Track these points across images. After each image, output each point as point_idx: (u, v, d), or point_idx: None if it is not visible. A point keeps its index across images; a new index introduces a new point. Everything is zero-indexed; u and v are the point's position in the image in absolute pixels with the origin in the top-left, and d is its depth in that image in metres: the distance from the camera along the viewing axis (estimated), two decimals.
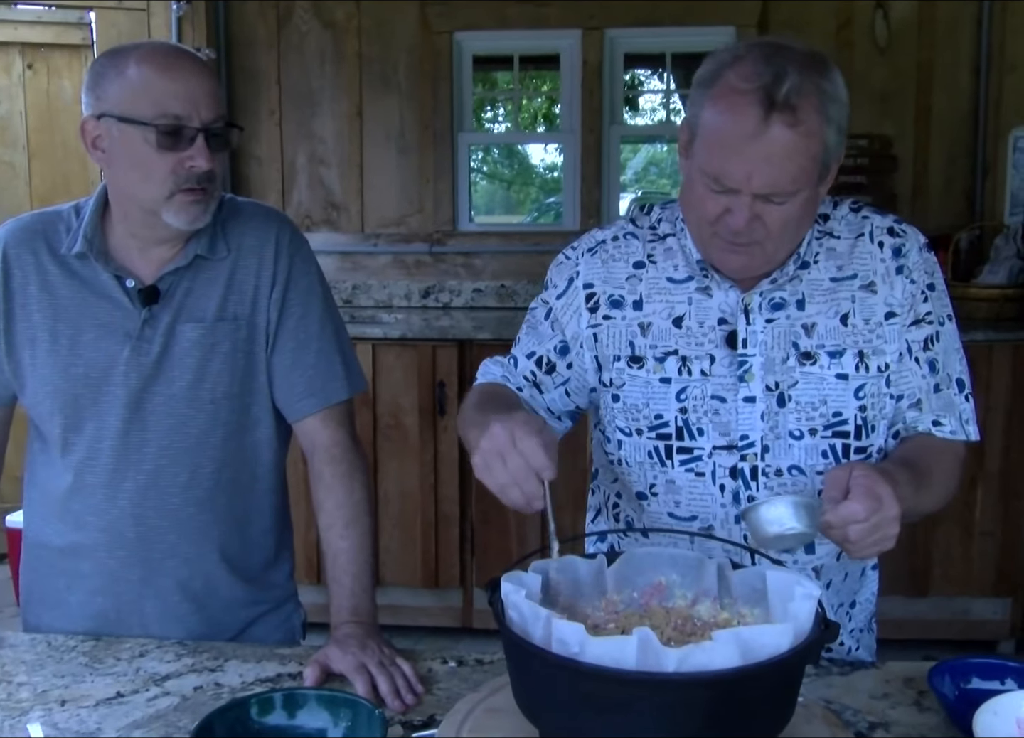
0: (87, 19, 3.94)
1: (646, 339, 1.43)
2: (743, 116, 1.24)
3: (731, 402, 1.40)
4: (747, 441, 1.40)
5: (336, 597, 1.47)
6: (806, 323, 1.40)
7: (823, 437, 1.40)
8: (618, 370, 1.44)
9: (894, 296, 1.41)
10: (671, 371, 1.42)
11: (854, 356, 1.40)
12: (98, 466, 1.49)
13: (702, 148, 1.29)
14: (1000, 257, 3.71)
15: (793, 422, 1.40)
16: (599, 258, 1.47)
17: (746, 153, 1.24)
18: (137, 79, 1.38)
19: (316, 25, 4.13)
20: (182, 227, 1.44)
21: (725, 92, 1.26)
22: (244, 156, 4.20)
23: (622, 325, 1.44)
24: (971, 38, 3.91)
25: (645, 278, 1.45)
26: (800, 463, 1.40)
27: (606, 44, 4.07)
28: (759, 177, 1.25)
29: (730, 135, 1.25)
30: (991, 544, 3.39)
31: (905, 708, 1.22)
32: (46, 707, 1.24)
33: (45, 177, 4.18)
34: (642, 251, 1.47)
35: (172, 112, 1.38)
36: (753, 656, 0.93)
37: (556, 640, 0.96)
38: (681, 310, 1.43)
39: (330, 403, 1.54)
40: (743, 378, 1.40)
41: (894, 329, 1.41)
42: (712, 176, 1.28)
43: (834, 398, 1.40)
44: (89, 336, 1.47)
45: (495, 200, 8.81)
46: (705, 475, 1.42)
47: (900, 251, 1.43)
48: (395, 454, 3.55)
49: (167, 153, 1.39)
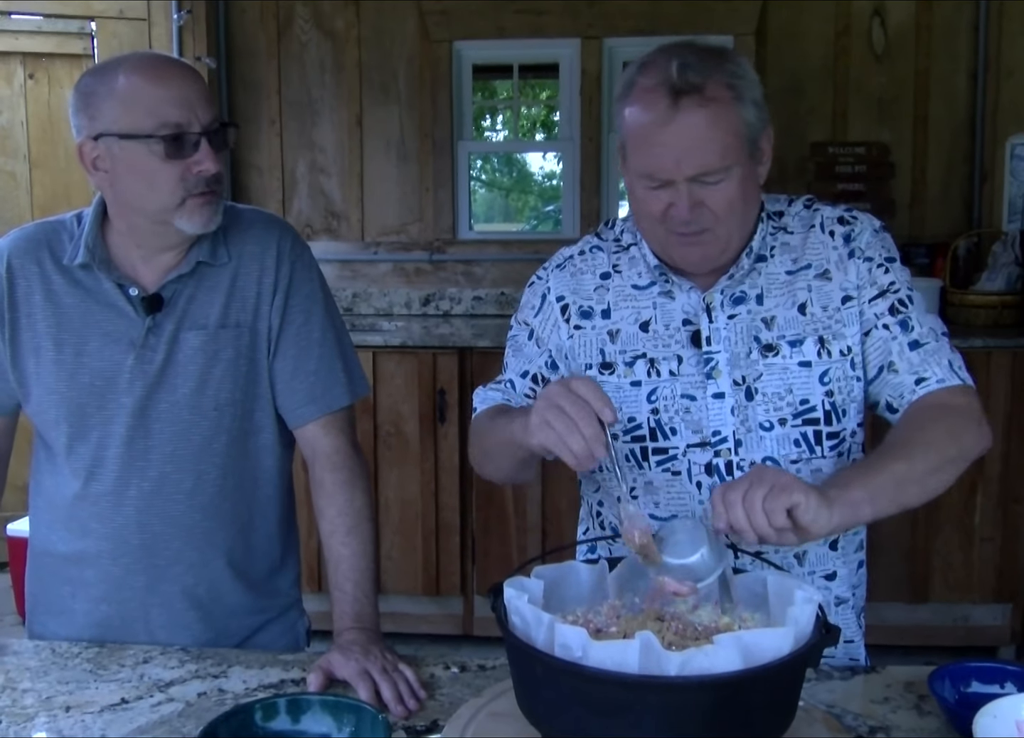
0: (88, 29, 3.95)
1: (615, 345, 1.47)
2: (655, 108, 1.31)
3: (701, 400, 1.43)
4: (719, 437, 1.43)
5: (338, 604, 1.48)
6: (766, 317, 1.44)
7: (793, 426, 1.42)
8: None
9: (848, 280, 1.44)
10: (640, 374, 1.45)
11: (814, 342, 1.42)
12: (103, 474, 1.50)
13: (631, 153, 1.37)
14: (998, 264, 3.72)
15: (762, 414, 1.42)
16: (567, 272, 1.53)
17: (667, 140, 1.31)
18: (129, 93, 1.37)
19: (316, 35, 4.15)
20: (196, 231, 1.44)
21: (638, 94, 1.34)
22: (244, 165, 4.22)
23: (592, 334, 1.48)
24: (968, 45, 3.93)
25: (612, 287, 1.50)
26: (773, 454, 1.42)
27: (605, 53, 4.09)
28: (686, 161, 1.31)
29: (648, 130, 1.32)
30: (991, 550, 3.40)
31: (906, 712, 1.23)
32: (51, 714, 1.25)
33: (46, 187, 4.19)
34: (607, 262, 1.52)
35: (172, 120, 1.37)
36: (754, 660, 0.94)
37: (559, 644, 0.97)
38: (647, 315, 1.47)
39: (331, 410, 1.55)
40: (710, 375, 1.43)
41: (852, 312, 1.43)
42: (646, 174, 1.34)
43: (799, 386, 1.42)
44: (94, 345, 1.48)
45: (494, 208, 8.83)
46: (681, 473, 1.44)
47: (850, 237, 1.46)
48: (396, 462, 3.56)
49: (174, 161, 1.39)
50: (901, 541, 3.41)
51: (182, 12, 3.89)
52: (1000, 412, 3.34)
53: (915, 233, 3.96)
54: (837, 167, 3.94)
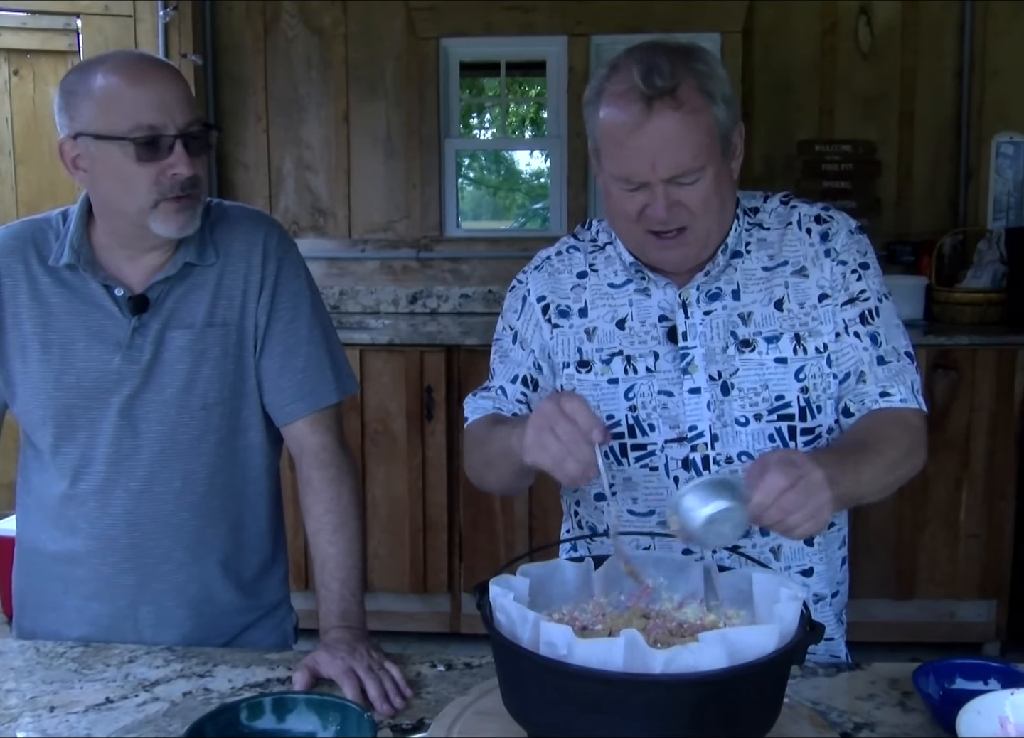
0: (74, 25, 3.93)
1: (592, 343, 1.48)
2: (629, 112, 1.32)
3: (678, 395, 1.44)
4: (696, 431, 1.44)
5: (324, 602, 1.48)
6: (742, 312, 1.45)
7: (768, 421, 1.43)
8: (568, 376, 1.49)
9: (824, 278, 1.46)
10: (617, 371, 1.46)
11: (791, 339, 1.44)
12: (91, 473, 1.49)
13: (605, 157, 1.38)
14: (983, 261, 3.74)
15: (738, 409, 1.43)
16: (545, 272, 1.54)
17: (642, 144, 1.32)
18: (106, 94, 1.37)
19: (303, 31, 4.14)
20: (171, 236, 1.44)
21: (609, 99, 1.35)
22: (231, 162, 4.20)
23: (570, 333, 1.50)
24: (954, 43, 3.94)
25: (588, 286, 1.51)
26: (748, 449, 1.43)
27: (592, 50, 4.09)
28: (661, 163, 1.33)
29: (623, 133, 1.34)
30: (976, 546, 3.42)
31: (890, 709, 1.23)
32: (35, 713, 1.24)
33: (31, 183, 4.17)
34: (584, 261, 1.53)
35: (146, 123, 1.37)
36: (739, 657, 0.94)
37: (544, 642, 0.97)
38: (623, 312, 1.48)
39: (319, 407, 1.55)
40: (687, 370, 1.44)
41: (828, 310, 1.45)
42: (622, 177, 1.36)
43: (775, 382, 1.43)
44: (80, 345, 1.47)
45: (482, 206, 8.82)
46: (659, 469, 1.45)
47: (827, 235, 1.47)
48: (383, 459, 3.55)
49: (147, 164, 1.38)
50: (887, 538, 3.43)
51: (168, 9, 3.86)
52: (985, 410, 3.36)
53: (901, 231, 3.98)
54: (824, 165, 3.95)
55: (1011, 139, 3.90)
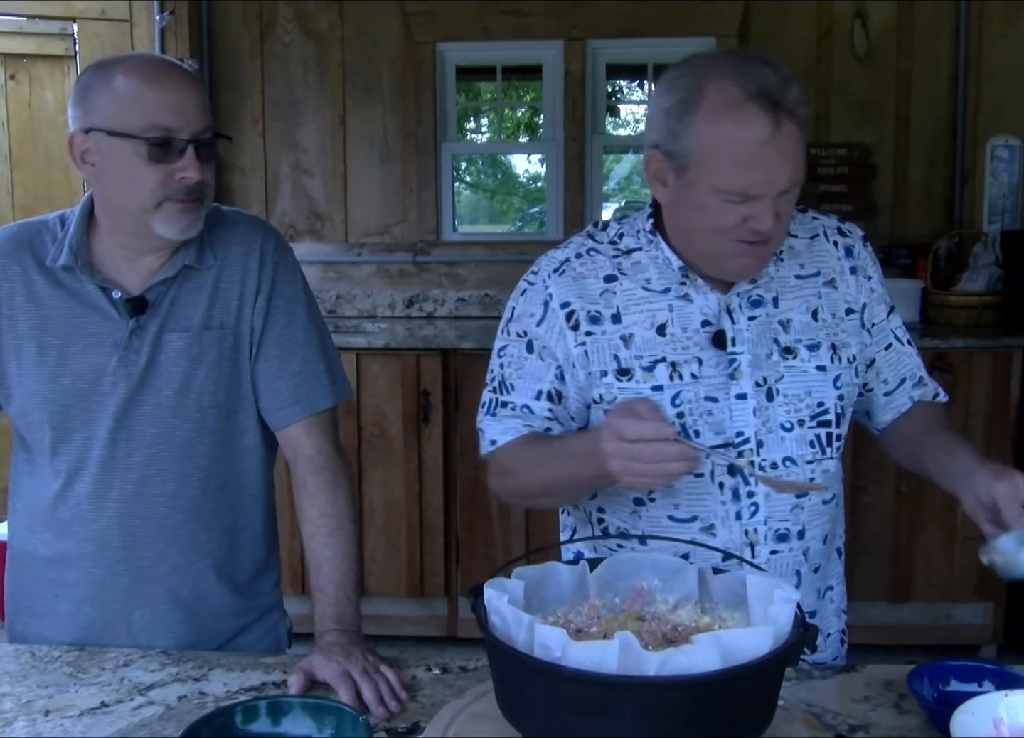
0: (70, 30, 3.93)
1: (630, 350, 1.44)
2: (753, 127, 1.29)
3: (723, 401, 1.43)
4: (742, 437, 1.43)
5: (320, 605, 1.48)
6: (782, 319, 1.46)
7: (809, 427, 1.45)
8: (607, 385, 1.45)
9: (851, 294, 1.50)
10: (662, 378, 1.43)
11: (828, 348, 1.47)
12: (85, 475, 1.49)
13: (710, 170, 1.32)
14: (979, 264, 3.75)
15: (783, 415, 1.44)
16: (568, 277, 1.47)
17: (768, 160, 1.31)
18: (125, 92, 1.38)
19: (299, 35, 4.14)
20: (173, 237, 1.44)
21: (719, 109, 1.31)
22: (228, 166, 4.20)
23: (603, 340, 1.45)
24: (949, 47, 3.95)
25: (619, 291, 1.46)
26: (792, 454, 1.45)
27: (588, 54, 4.09)
28: (781, 177, 1.32)
29: (747, 148, 1.30)
30: (973, 549, 3.39)
31: (885, 710, 1.23)
32: (30, 717, 1.24)
33: (28, 188, 4.16)
34: (610, 265, 1.48)
35: (162, 124, 1.38)
36: (733, 659, 0.94)
37: (538, 645, 0.97)
38: (663, 318, 1.45)
39: (314, 411, 1.55)
40: (733, 376, 1.43)
41: (854, 324, 1.50)
42: (735, 191, 1.32)
43: (817, 389, 1.46)
44: (77, 347, 1.47)
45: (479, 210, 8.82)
46: (704, 475, 1.44)
47: (851, 251, 1.53)
48: (379, 463, 3.56)
49: (157, 165, 1.39)
50: (883, 541, 3.43)
51: (164, 13, 3.87)
52: (981, 412, 3.36)
53: (896, 234, 3.98)
54: (819, 168, 3.96)
55: (1006, 142, 3.91)
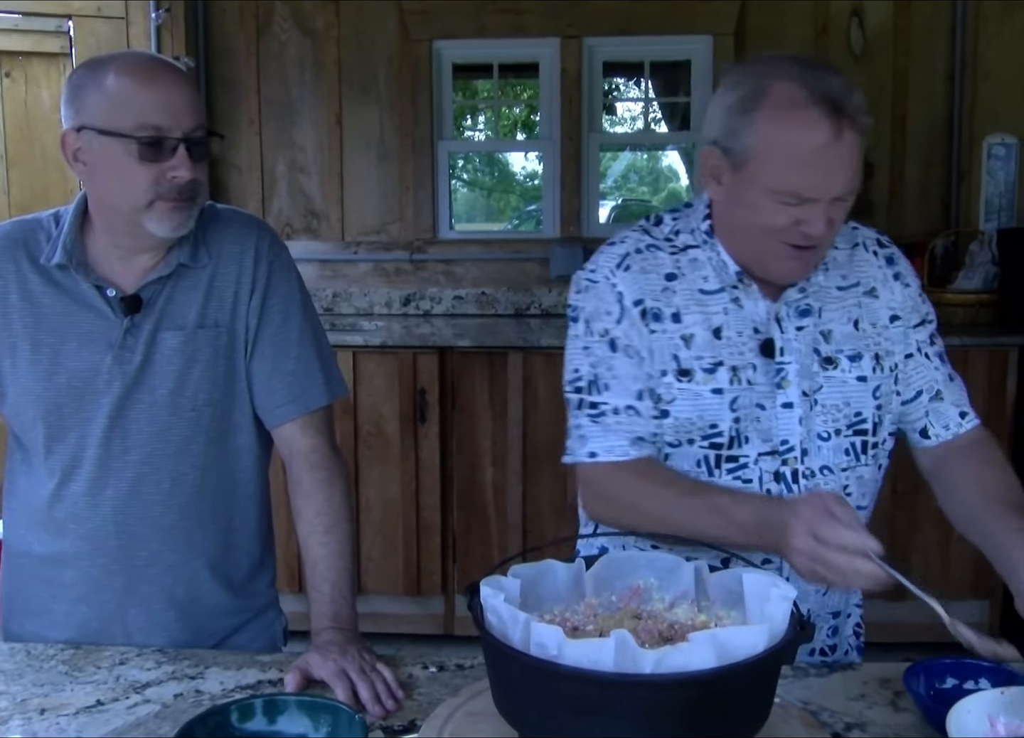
0: (65, 28, 3.92)
1: (690, 351, 1.43)
2: (815, 129, 1.29)
3: (770, 409, 1.43)
4: (787, 445, 1.44)
5: (316, 604, 1.47)
6: (824, 330, 1.46)
7: (846, 436, 1.46)
8: (666, 385, 1.43)
9: (895, 300, 1.50)
10: (723, 381, 1.42)
11: (871, 359, 1.47)
12: (80, 474, 1.49)
13: (766, 168, 1.33)
14: (975, 263, 3.75)
15: (820, 424, 1.45)
16: (632, 272, 1.45)
17: (826, 164, 1.31)
18: (116, 91, 1.38)
19: (295, 34, 4.14)
20: (165, 235, 1.44)
21: (783, 109, 1.31)
22: (224, 165, 4.20)
23: (664, 338, 1.44)
24: (946, 46, 3.96)
25: (679, 290, 1.45)
26: (829, 463, 1.46)
27: (585, 52, 4.09)
28: (838, 183, 1.32)
29: (806, 150, 1.30)
30: (969, 547, 3.40)
31: (881, 708, 1.24)
32: (25, 716, 1.24)
33: (23, 186, 4.16)
34: (670, 263, 1.47)
35: (152, 123, 1.37)
36: (729, 657, 0.94)
37: (535, 643, 0.97)
38: (718, 321, 1.44)
39: (309, 409, 1.54)
40: (780, 385, 1.43)
41: (898, 331, 1.50)
42: (790, 192, 1.32)
43: (855, 399, 1.46)
44: (71, 345, 1.47)
45: (476, 208, 8.83)
46: (752, 481, 1.44)
47: (892, 259, 1.54)
48: (376, 462, 3.55)
49: (148, 164, 1.39)
50: (879, 539, 3.42)
51: (160, 11, 3.86)
52: (977, 411, 3.36)
53: (893, 233, 3.91)
54: None
55: (1003, 141, 3.92)
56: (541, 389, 3.47)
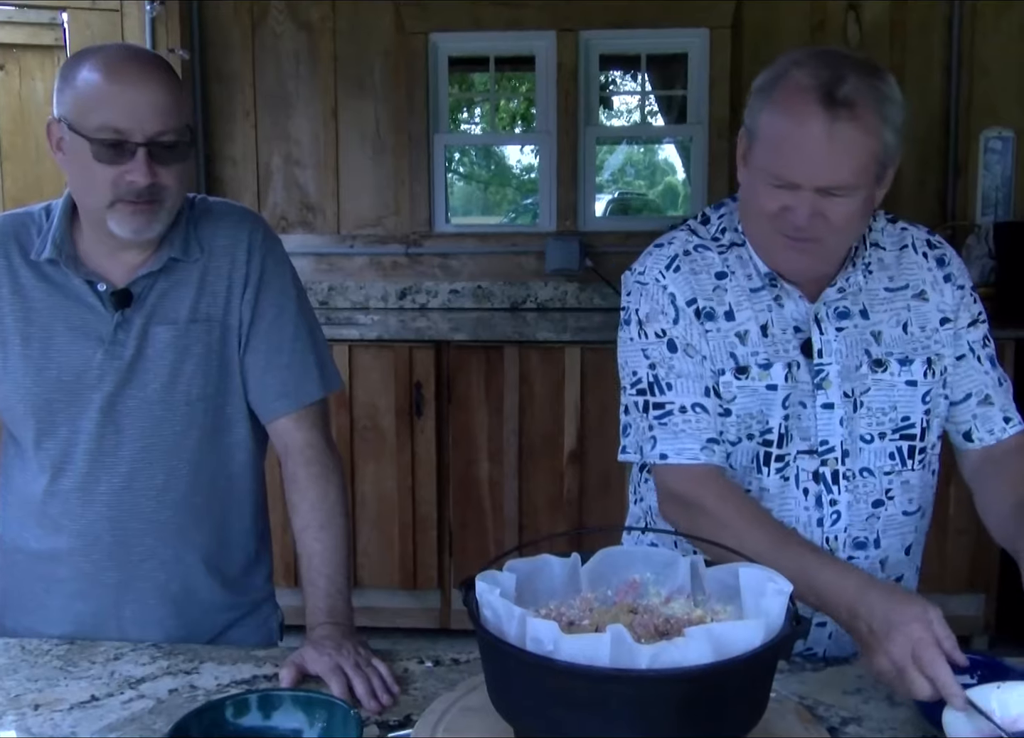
0: (60, 20, 3.91)
1: (746, 347, 1.43)
2: (805, 114, 1.30)
3: (810, 408, 1.43)
4: (827, 446, 1.43)
5: (311, 598, 1.47)
6: (874, 331, 1.45)
7: (891, 440, 1.45)
8: (725, 384, 1.43)
9: (946, 303, 1.48)
10: (777, 378, 1.42)
11: (923, 363, 1.45)
12: (72, 470, 1.48)
13: (762, 149, 1.35)
14: (972, 257, 3.75)
15: (864, 427, 1.44)
16: (683, 273, 1.45)
17: (809, 148, 1.30)
18: (84, 89, 1.37)
19: (291, 26, 4.13)
20: (126, 237, 1.43)
21: (785, 94, 1.32)
22: (219, 158, 4.19)
23: (719, 337, 1.44)
24: (942, 40, 3.95)
25: (729, 287, 1.45)
26: (870, 465, 1.45)
27: (581, 45, 4.08)
28: (819, 171, 1.30)
29: (792, 132, 1.31)
30: (965, 541, 3.43)
31: (877, 703, 1.24)
32: (19, 711, 1.24)
33: (18, 179, 4.14)
34: (719, 262, 1.47)
35: (112, 125, 1.36)
36: (725, 652, 0.94)
37: (530, 638, 0.96)
38: (764, 318, 1.44)
39: (304, 404, 1.54)
40: (820, 385, 1.43)
41: (948, 334, 1.48)
42: (774, 173, 1.33)
43: (903, 403, 1.45)
44: (62, 340, 1.46)
45: (472, 201, 8.82)
46: (790, 479, 1.44)
47: (943, 261, 1.51)
48: (372, 456, 3.55)
49: (107, 166, 1.37)
50: None
51: (155, 3, 3.84)
52: None
53: None
54: None
55: (999, 134, 3.91)
56: (537, 383, 3.47)
